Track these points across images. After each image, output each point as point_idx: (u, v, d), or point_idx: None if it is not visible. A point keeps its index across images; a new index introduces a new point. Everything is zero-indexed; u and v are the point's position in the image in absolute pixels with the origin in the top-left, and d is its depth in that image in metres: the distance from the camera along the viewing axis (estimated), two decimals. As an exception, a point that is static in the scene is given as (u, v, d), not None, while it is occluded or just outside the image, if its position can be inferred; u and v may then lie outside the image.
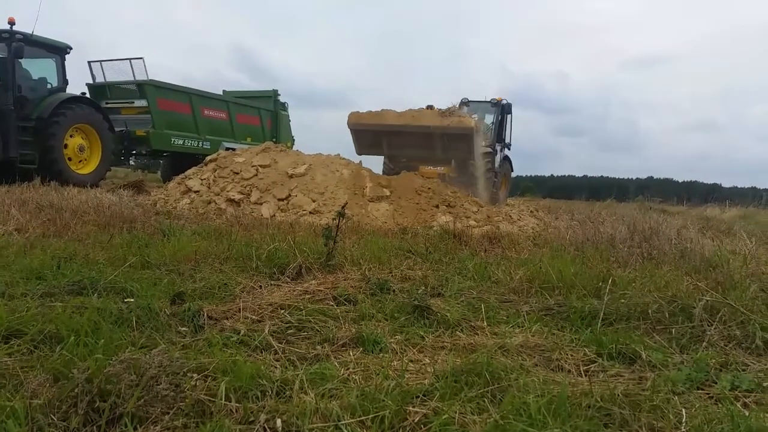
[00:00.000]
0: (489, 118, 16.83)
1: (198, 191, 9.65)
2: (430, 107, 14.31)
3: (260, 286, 3.72)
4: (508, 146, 17.31)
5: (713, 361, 2.59)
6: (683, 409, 2.04)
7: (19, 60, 12.04)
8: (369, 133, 14.42)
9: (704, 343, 2.83)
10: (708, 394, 2.29)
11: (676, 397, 2.18)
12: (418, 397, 2.08)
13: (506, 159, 17.32)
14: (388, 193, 9.59)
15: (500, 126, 16.65)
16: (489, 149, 15.28)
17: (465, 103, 16.98)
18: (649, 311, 3.21)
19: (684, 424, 1.93)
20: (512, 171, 18.02)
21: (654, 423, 1.95)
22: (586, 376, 2.42)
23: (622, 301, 3.39)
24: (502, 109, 16.74)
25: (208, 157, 10.95)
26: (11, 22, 11.91)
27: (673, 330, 3.01)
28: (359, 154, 14.90)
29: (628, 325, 3.12)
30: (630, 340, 2.80)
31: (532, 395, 1.99)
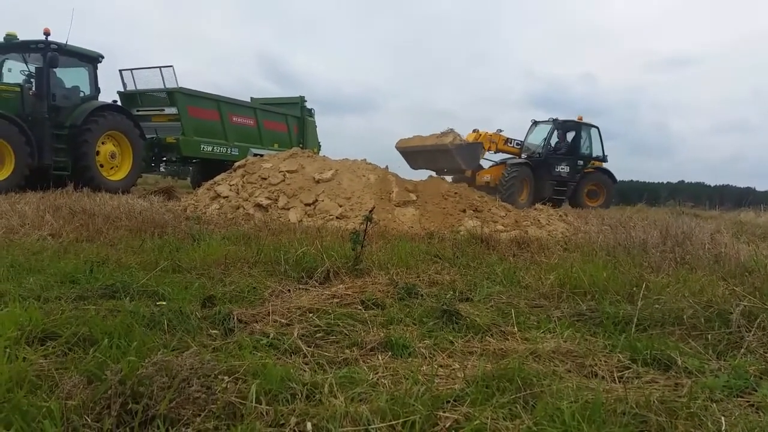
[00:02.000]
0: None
1: (227, 197, 9.75)
2: (450, 129, 17.03)
3: (289, 290, 3.74)
4: (597, 159, 18.72)
5: (752, 368, 2.51)
6: (722, 417, 1.98)
7: (53, 69, 12.34)
8: (407, 153, 17.89)
9: (742, 350, 2.74)
10: (748, 401, 2.22)
11: (714, 404, 2.12)
12: (449, 402, 2.06)
13: (599, 170, 18.73)
14: (414, 198, 9.57)
15: (574, 142, 18.46)
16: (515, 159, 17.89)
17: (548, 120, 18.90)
18: (684, 317, 3.13)
19: (723, 433, 1.88)
20: (613, 182, 19.07)
21: (692, 431, 1.90)
22: (620, 382, 2.36)
23: (656, 306, 3.32)
24: (562, 125, 18.66)
25: (237, 163, 11.06)
26: (46, 33, 12.20)
27: (710, 336, 2.93)
28: (414, 169, 17.93)
29: (663, 331, 3.04)
30: (665, 346, 2.74)
31: (565, 401, 1.96)
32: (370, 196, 9.13)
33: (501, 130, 18.30)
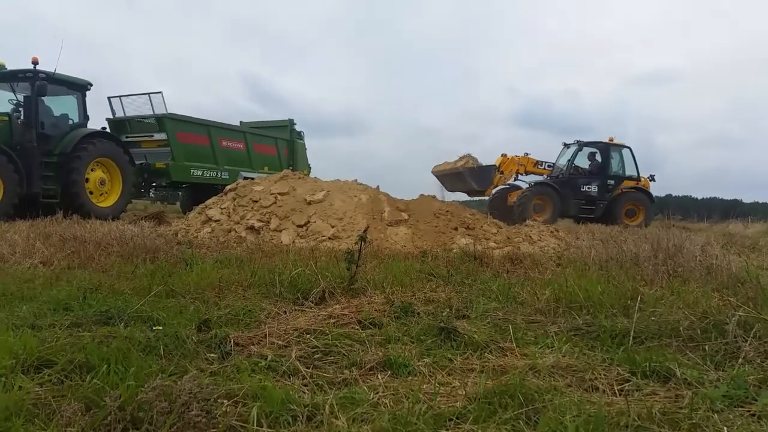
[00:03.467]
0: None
1: (218, 220, 9.72)
2: (467, 154, 19.24)
3: (285, 311, 3.72)
4: (630, 178, 19.34)
5: (751, 377, 2.52)
6: (725, 428, 1.98)
7: (42, 98, 12.34)
8: (439, 177, 20.11)
9: (740, 360, 2.75)
10: (749, 411, 2.22)
11: (716, 414, 2.12)
12: (452, 420, 2.05)
13: (637, 190, 19.37)
14: (406, 217, 9.58)
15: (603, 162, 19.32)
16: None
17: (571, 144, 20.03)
18: (681, 328, 3.14)
19: (727, 443, 1.88)
20: (651, 201, 19.65)
21: (695, 442, 1.90)
22: (621, 395, 2.36)
23: (652, 318, 3.33)
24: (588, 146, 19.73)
25: (228, 187, 11.06)
26: (35, 62, 12.23)
27: (707, 347, 2.94)
28: (449, 191, 19.73)
29: (660, 343, 3.05)
30: (663, 358, 2.74)
31: (568, 416, 1.95)
32: (362, 216, 9.14)
33: (528, 153, 19.65)
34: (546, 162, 19.70)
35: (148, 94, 15.73)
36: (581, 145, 19.46)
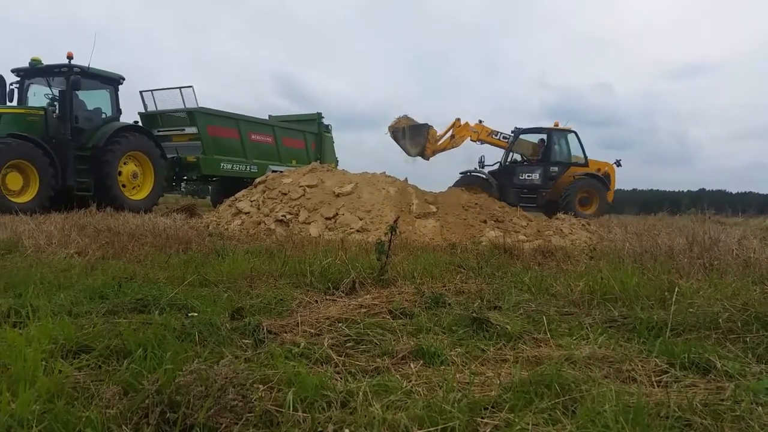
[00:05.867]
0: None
1: (248, 212, 9.81)
2: (404, 115, 17.22)
3: (316, 300, 3.73)
4: (577, 165, 18.03)
5: (796, 370, 2.45)
6: (770, 420, 1.92)
7: (76, 92, 12.58)
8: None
9: (784, 353, 2.68)
10: (793, 405, 2.16)
11: (760, 407, 2.06)
12: (487, 408, 2.02)
13: (589, 176, 17.88)
14: (434, 210, 9.55)
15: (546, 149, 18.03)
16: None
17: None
18: (720, 320, 3.07)
19: (773, 435, 1.82)
20: (606, 188, 17.97)
21: (739, 434, 1.85)
22: (659, 386, 2.31)
23: (690, 310, 3.25)
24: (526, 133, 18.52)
25: (257, 180, 11.15)
26: (69, 57, 12.47)
27: (748, 339, 2.87)
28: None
29: (699, 335, 2.98)
30: (702, 350, 2.67)
31: (607, 405, 1.91)
32: (390, 209, 9.13)
33: (482, 121, 18.03)
34: (501, 133, 18.12)
35: (180, 88, 15.91)
36: (518, 132, 18.30)
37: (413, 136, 16.52)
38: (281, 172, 12.68)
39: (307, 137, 19.96)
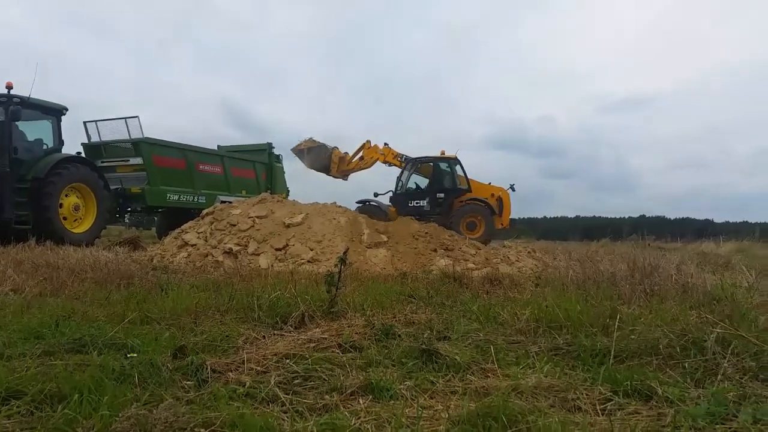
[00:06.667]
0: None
1: (195, 245, 9.61)
2: (309, 138, 19.87)
3: (263, 336, 3.66)
4: (459, 190, 18.32)
5: (731, 394, 2.53)
6: (708, 445, 1.98)
7: (16, 122, 12.16)
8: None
9: (719, 377, 2.77)
10: (730, 428, 2.23)
11: (699, 432, 2.12)
12: (435, 443, 2.01)
13: (475, 201, 18.27)
14: (385, 239, 9.58)
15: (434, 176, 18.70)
16: None
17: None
18: (660, 346, 3.16)
19: (711, 461, 1.87)
20: (493, 213, 18.17)
21: (679, 460, 1.89)
22: (604, 414, 2.36)
23: (632, 337, 3.34)
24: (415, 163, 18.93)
25: (205, 211, 10.96)
26: (9, 87, 12.07)
27: (686, 364, 2.96)
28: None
29: (641, 361, 3.06)
30: (644, 377, 2.74)
31: (552, 436, 1.93)
32: (342, 239, 9.11)
33: (387, 144, 19.11)
34: (406, 156, 18.99)
35: (125, 118, 15.59)
36: (408, 161, 18.90)
37: (309, 155, 19.24)
38: (230, 203, 12.50)
39: (257, 167, 19.82)
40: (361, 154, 19.43)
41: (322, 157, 19.43)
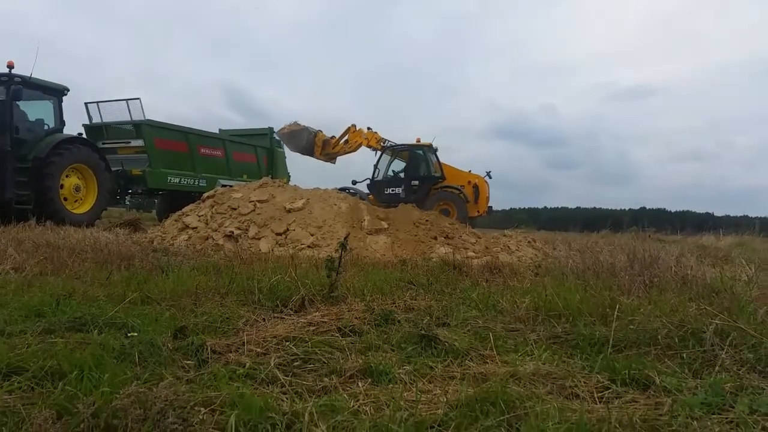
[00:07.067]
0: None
1: (195, 227, 9.61)
2: (294, 122, 20.26)
3: (263, 318, 3.67)
4: (435, 178, 18.62)
5: (728, 385, 2.54)
6: (704, 434, 1.99)
7: (17, 102, 12.12)
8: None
9: (717, 368, 2.78)
10: (726, 418, 2.24)
11: (695, 422, 2.13)
12: (433, 427, 2.03)
13: (446, 188, 18.56)
14: (386, 226, 9.58)
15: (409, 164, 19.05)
16: None
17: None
18: (659, 337, 3.17)
19: (707, 449, 1.88)
20: (466, 201, 18.29)
21: (675, 448, 1.90)
22: (601, 402, 2.37)
23: (631, 327, 3.35)
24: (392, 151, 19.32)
25: (206, 194, 10.95)
26: (10, 66, 12.02)
27: (685, 355, 2.97)
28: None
29: (639, 351, 3.07)
30: (642, 366, 2.75)
31: (550, 423, 1.94)
32: (342, 225, 9.11)
33: (370, 128, 19.31)
34: (389, 141, 19.30)
35: (126, 100, 15.54)
36: (385, 148, 19.19)
37: (291, 138, 19.58)
38: (231, 186, 12.50)
39: (258, 152, 19.79)
40: (346, 137, 19.58)
41: (305, 141, 19.57)
